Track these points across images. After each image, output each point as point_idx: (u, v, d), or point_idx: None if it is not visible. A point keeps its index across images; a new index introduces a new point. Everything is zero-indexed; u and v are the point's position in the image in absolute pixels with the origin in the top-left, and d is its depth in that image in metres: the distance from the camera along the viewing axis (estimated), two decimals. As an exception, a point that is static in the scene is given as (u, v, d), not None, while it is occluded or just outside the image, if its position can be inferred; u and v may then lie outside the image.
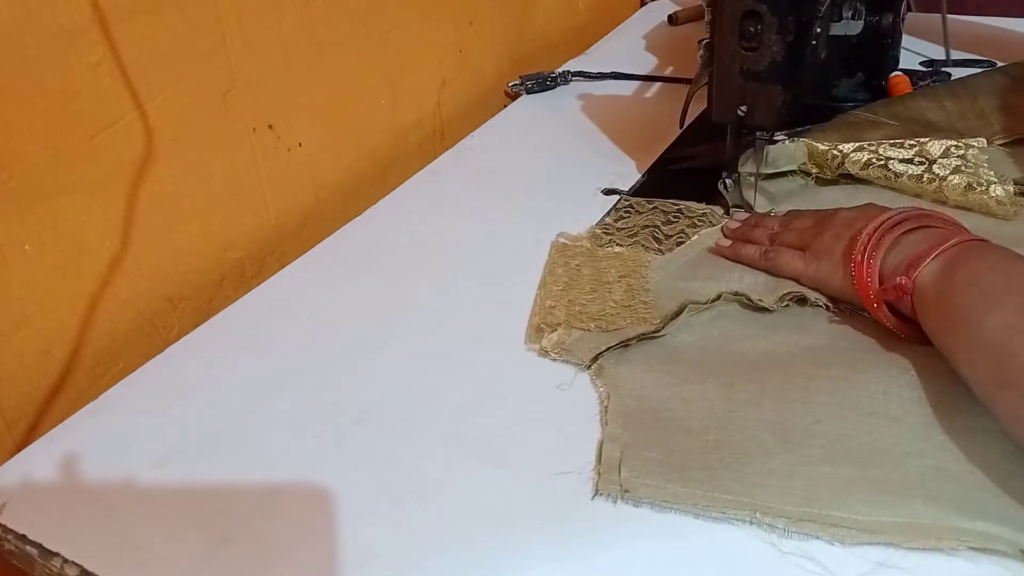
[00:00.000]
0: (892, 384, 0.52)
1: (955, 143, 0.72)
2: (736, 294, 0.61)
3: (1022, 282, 0.47)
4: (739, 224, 0.69)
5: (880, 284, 0.55)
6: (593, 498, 0.49)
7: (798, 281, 0.61)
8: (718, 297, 0.61)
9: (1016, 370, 0.43)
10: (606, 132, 0.91)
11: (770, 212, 0.72)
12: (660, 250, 0.69)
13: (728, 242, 0.67)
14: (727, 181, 0.71)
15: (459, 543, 0.47)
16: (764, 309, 0.60)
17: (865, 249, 0.56)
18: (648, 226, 0.73)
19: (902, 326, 0.54)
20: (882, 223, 0.56)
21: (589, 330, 0.60)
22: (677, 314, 0.60)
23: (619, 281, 0.65)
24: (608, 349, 0.58)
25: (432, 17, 0.92)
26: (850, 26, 0.67)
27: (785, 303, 0.61)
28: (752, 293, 0.61)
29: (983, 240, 0.53)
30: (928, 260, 0.52)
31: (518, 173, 0.86)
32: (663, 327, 0.59)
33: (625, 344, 0.58)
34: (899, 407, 0.50)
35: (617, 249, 0.70)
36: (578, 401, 0.55)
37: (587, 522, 0.47)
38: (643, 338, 0.58)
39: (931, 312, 0.51)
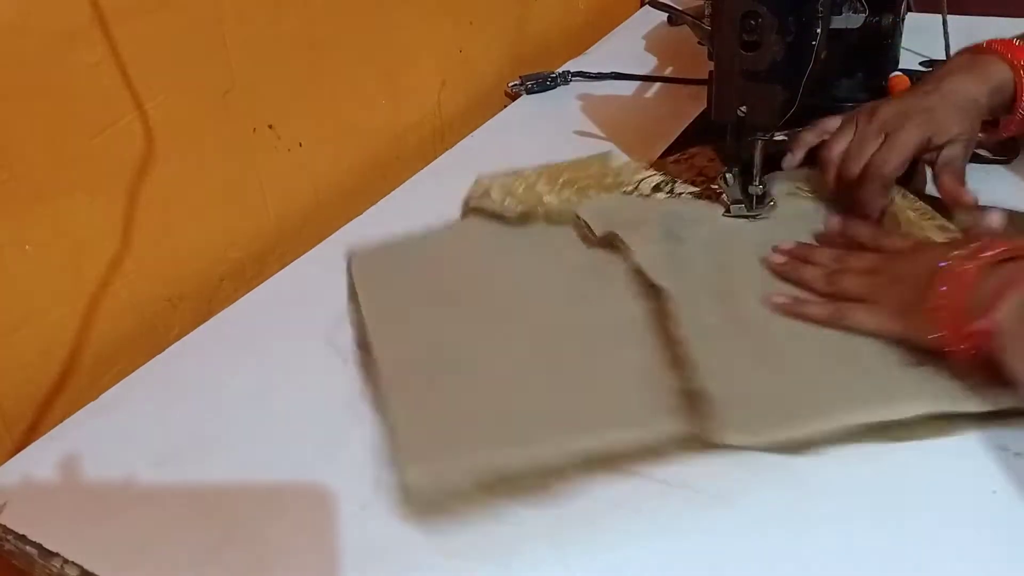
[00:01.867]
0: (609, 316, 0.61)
1: None
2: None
3: None
4: (786, 259, 0.64)
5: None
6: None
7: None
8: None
9: None
10: (606, 132, 0.91)
11: (770, 204, 0.72)
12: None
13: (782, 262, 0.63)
14: (727, 175, 0.71)
15: (459, 543, 0.47)
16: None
17: (947, 298, 0.50)
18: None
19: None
20: (959, 262, 0.51)
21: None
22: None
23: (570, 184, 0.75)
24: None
25: (432, 17, 0.92)
26: (851, 19, 0.67)
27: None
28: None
29: None
30: (1008, 296, 0.47)
31: (518, 173, 0.86)
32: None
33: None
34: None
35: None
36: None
37: (587, 522, 0.47)
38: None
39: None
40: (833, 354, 0.55)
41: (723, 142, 0.70)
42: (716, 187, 0.73)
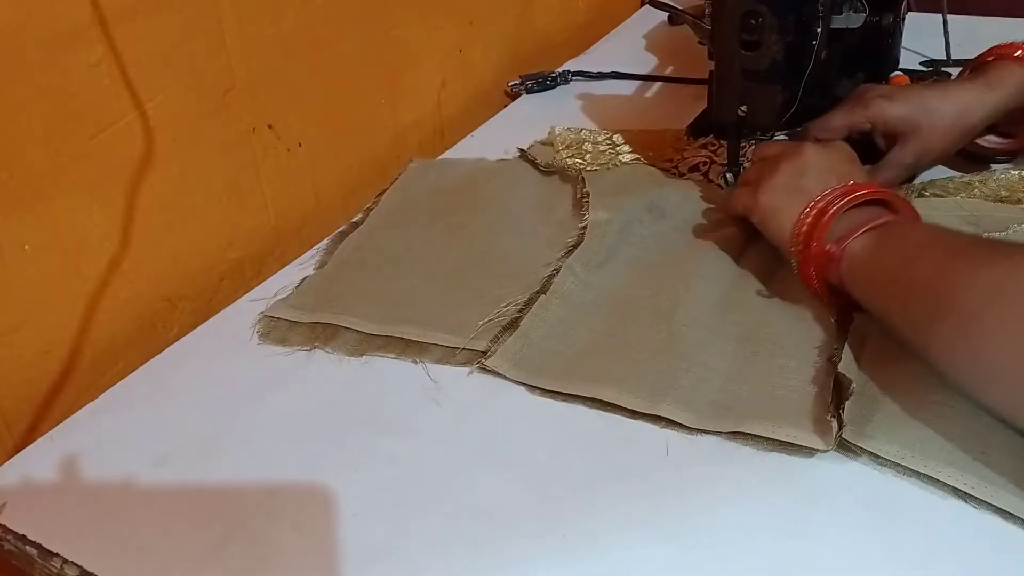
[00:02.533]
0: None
1: None
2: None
3: (945, 236, 0.51)
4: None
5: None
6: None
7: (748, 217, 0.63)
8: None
9: (947, 302, 0.45)
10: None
11: None
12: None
13: None
14: (727, 176, 0.71)
15: (459, 544, 0.47)
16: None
17: (813, 225, 0.56)
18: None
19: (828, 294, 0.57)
20: (831, 195, 0.57)
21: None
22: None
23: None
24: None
25: (432, 17, 0.92)
26: (851, 19, 0.67)
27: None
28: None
29: (917, 218, 0.56)
30: (858, 233, 0.54)
31: (518, 173, 0.85)
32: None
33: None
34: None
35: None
36: (579, 401, 0.56)
37: (587, 524, 0.47)
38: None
39: (861, 276, 0.53)
40: (659, 347, 0.58)
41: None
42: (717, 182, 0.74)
